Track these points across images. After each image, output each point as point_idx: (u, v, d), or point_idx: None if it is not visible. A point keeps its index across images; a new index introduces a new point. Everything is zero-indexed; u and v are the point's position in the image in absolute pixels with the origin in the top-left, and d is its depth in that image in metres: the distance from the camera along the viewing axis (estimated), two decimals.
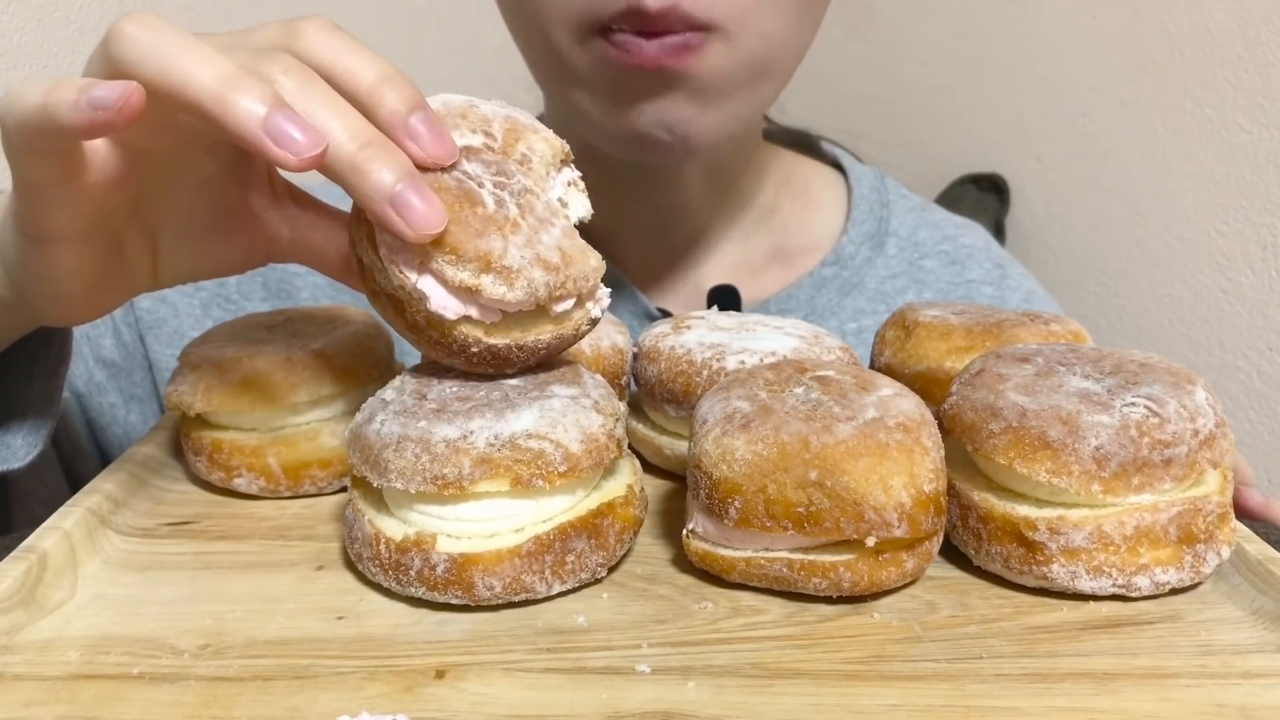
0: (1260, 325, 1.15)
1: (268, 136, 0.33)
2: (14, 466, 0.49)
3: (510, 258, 0.37)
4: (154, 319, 0.69)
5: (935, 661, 0.35)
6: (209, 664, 0.35)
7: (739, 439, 0.37)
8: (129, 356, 0.68)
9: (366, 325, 0.50)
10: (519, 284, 0.37)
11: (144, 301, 0.69)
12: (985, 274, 0.76)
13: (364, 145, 0.35)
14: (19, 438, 0.49)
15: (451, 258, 0.36)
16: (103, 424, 0.68)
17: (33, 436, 0.50)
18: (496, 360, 0.39)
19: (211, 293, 0.71)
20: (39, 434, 0.50)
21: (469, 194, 0.37)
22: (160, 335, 0.69)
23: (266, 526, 0.45)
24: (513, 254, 0.37)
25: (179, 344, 0.68)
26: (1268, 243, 1.13)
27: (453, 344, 0.39)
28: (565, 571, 0.38)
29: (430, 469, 0.36)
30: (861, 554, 0.37)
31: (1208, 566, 0.38)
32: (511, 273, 0.36)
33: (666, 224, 0.71)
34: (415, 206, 0.35)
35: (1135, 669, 0.34)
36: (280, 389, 0.45)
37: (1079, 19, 1.31)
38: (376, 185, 0.34)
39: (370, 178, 0.34)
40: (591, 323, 0.41)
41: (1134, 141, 1.27)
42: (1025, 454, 0.38)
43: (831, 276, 0.73)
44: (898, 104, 1.56)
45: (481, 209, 0.37)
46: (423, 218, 0.35)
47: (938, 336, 0.49)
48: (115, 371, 0.68)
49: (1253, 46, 1.12)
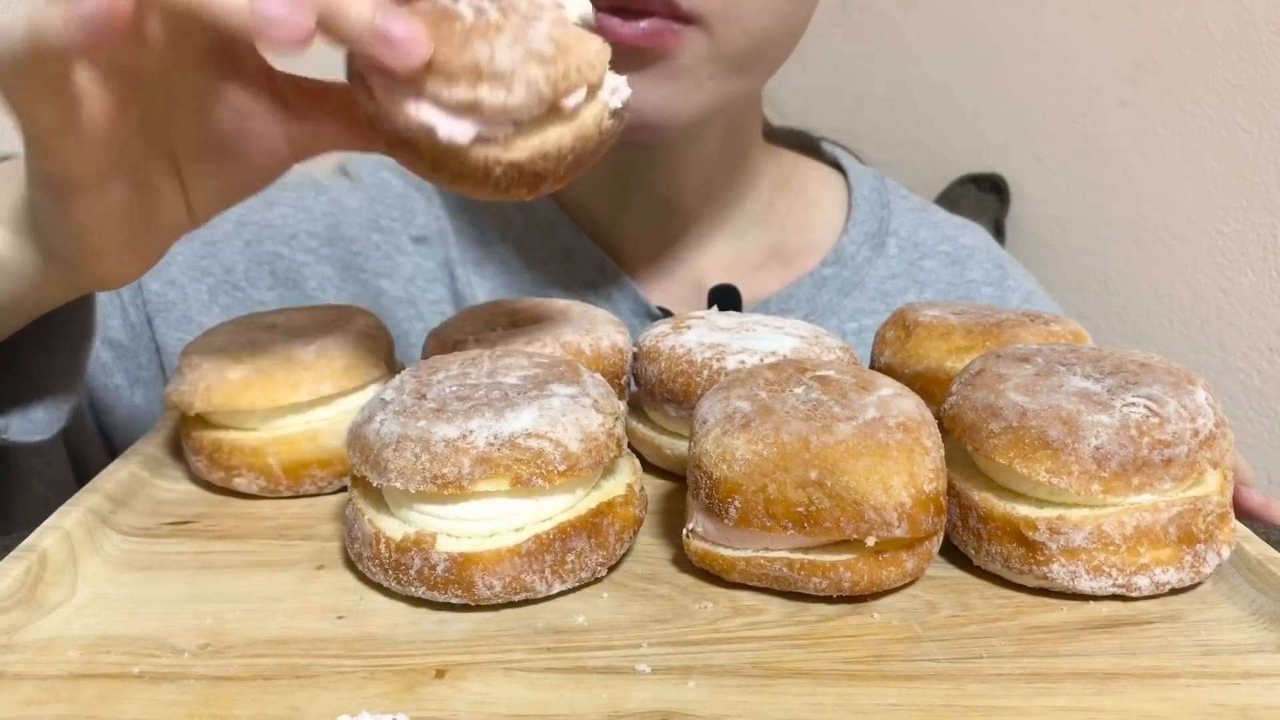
0: (1260, 325, 1.15)
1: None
2: (38, 438, 0.49)
3: (500, 61, 0.35)
4: (162, 302, 0.69)
5: (935, 661, 0.35)
6: (209, 663, 0.35)
7: (739, 439, 0.37)
8: (136, 338, 0.68)
9: (366, 325, 0.50)
10: (517, 85, 0.35)
11: (152, 284, 0.69)
12: (985, 274, 0.76)
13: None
14: (40, 411, 0.50)
15: (442, 80, 0.35)
16: (107, 405, 0.68)
17: (55, 411, 0.50)
18: (525, 178, 0.38)
19: (219, 279, 0.71)
20: (61, 409, 0.50)
21: (444, 12, 0.36)
22: (168, 319, 0.69)
23: (266, 526, 0.45)
24: (501, 56, 0.35)
25: (186, 328, 0.69)
26: (1268, 243, 1.13)
27: (475, 173, 0.38)
28: (565, 571, 0.38)
29: (430, 468, 0.36)
30: (861, 554, 0.37)
31: (1208, 566, 0.38)
32: (505, 75, 0.35)
33: (660, 218, 0.71)
34: (398, 35, 0.34)
35: (1135, 669, 0.34)
36: (280, 389, 0.45)
37: (1079, 19, 1.31)
38: (356, 22, 0.34)
39: (349, 15, 0.34)
40: (614, 115, 0.39)
41: (1134, 141, 1.27)
42: (1025, 454, 0.38)
43: (832, 276, 0.73)
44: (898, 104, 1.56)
45: (460, 23, 0.36)
46: (407, 45, 0.35)
47: (938, 336, 0.49)
48: (122, 353, 0.68)
49: (1253, 46, 1.12)
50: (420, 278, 0.73)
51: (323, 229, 0.73)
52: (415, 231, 0.74)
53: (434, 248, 0.73)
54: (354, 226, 0.73)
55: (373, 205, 0.74)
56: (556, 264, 0.72)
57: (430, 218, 0.74)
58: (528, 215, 0.73)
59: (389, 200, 0.74)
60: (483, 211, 0.74)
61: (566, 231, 0.72)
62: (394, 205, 0.74)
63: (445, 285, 0.73)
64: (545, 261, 0.72)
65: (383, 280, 0.73)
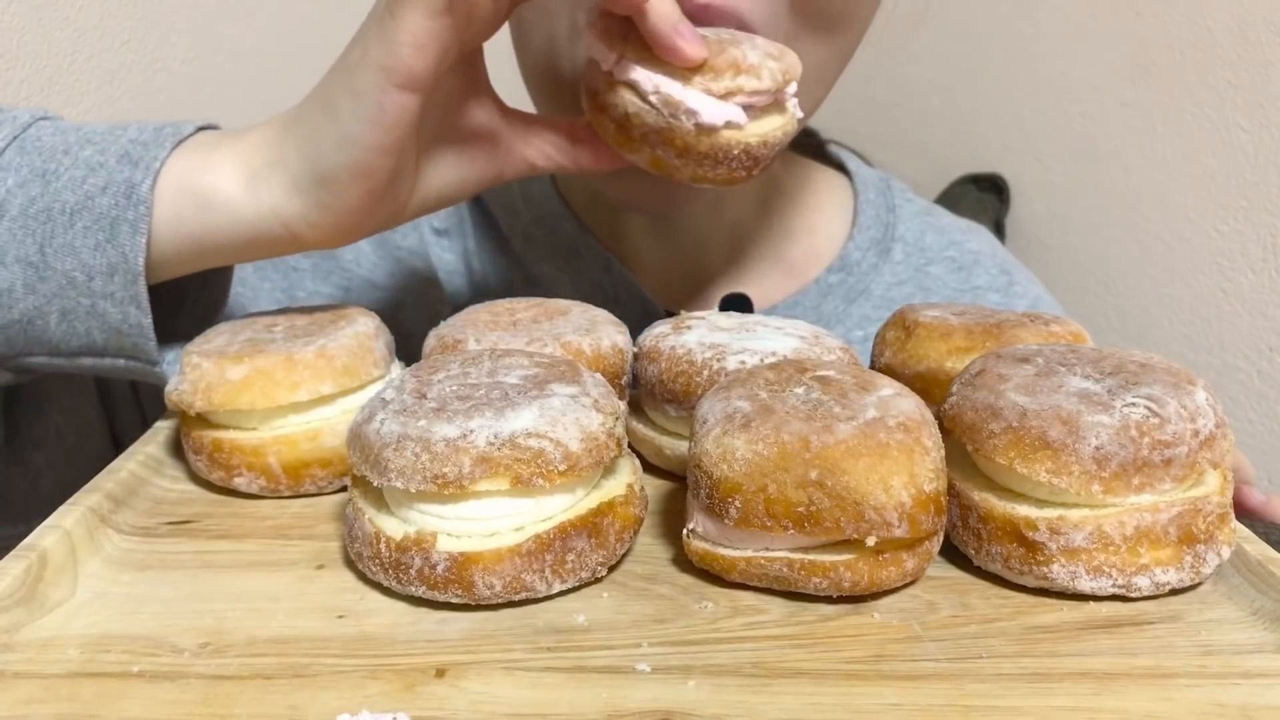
0: (1260, 325, 1.15)
1: None
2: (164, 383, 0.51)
3: (750, 58, 0.48)
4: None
5: (935, 661, 0.35)
6: (209, 662, 0.35)
7: (739, 439, 0.37)
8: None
9: (367, 325, 0.50)
10: (764, 73, 0.48)
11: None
12: (992, 280, 0.76)
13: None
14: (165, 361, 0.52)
15: (710, 74, 0.48)
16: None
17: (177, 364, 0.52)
18: (749, 160, 0.50)
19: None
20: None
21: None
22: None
23: (266, 526, 0.45)
24: (750, 55, 0.48)
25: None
26: (1268, 243, 1.13)
27: (718, 152, 0.49)
28: (565, 570, 0.38)
29: (430, 468, 0.36)
30: (861, 554, 0.37)
31: (1208, 567, 0.38)
32: (755, 67, 0.48)
33: (669, 228, 0.71)
34: (691, 34, 0.47)
35: (1135, 669, 0.34)
36: (280, 389, 0.45)
37: (1079, 19, 1.31)
38: (667, 14, 0.46)
39: (662, 9, 0.46)
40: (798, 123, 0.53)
41: (1134, 141, 1.27)
42: (1025, 454, 0.38)
43: (838, 283, 0.73)
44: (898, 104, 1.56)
45: (712, 38, 0.49)
46: (697, 44, 0.47)
47: (938, 337, 0.49)
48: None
49: (1253, 46, 1.12)
50: (443, 268, 0.74)
51: None
52: (438, 224, 0.75)
53: (454, 240, 0.74)
54: None
55: None
56: (564, 261, 0.72)
57: (450, 210, 0.75)
58: (532, 209, 0.73)
59: None
60: (492, 205, 0.74)
61: (570, 228, 0.72)
62: None
63: (464, 277, 0.74)
64: (552, 258, 0.72)
65: (417, 261, 0.74)
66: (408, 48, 0.43)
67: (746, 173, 0.50)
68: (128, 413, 0.66)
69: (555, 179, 0.74)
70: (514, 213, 0.74)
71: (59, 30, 0.84)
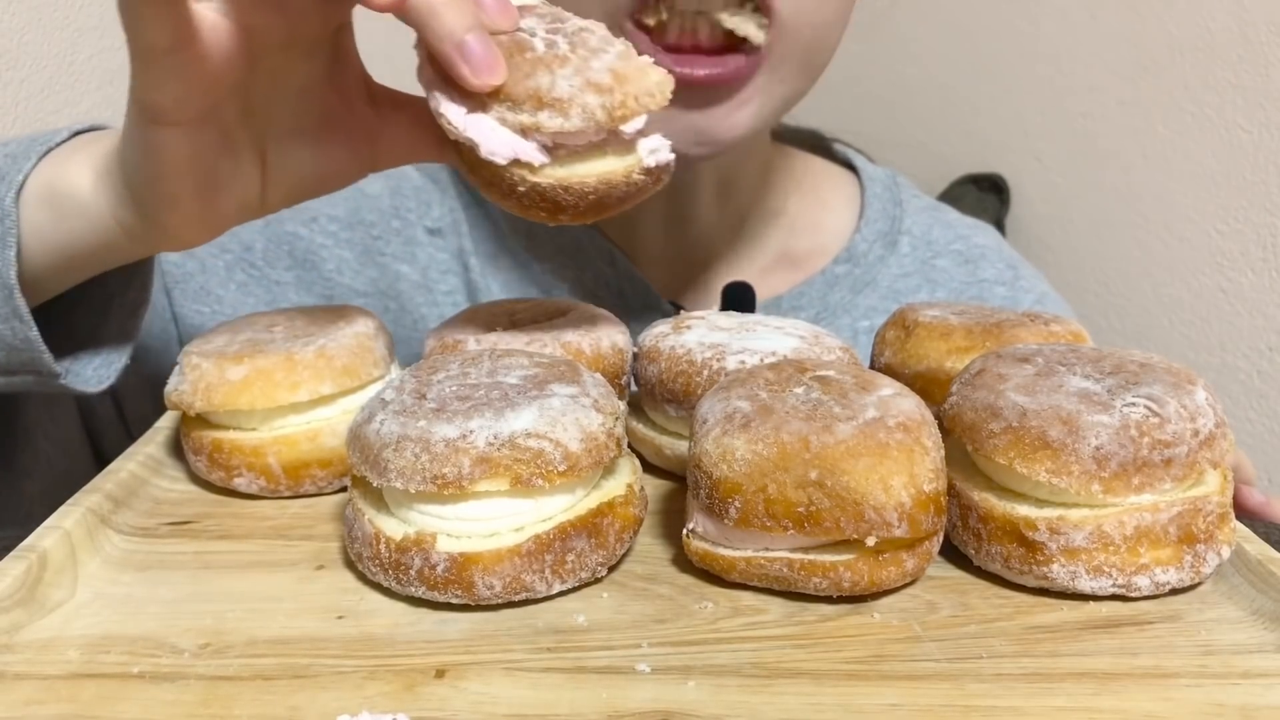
0: (1260, 325, 1.15)
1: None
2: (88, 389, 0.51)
3: (559, 89, 0.40)
4: (181, 273, 0.70)
5: (935, 661, 0.35)
6: (209, 663, 0.35)
7: (739, 439, 0.37)
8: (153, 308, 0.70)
9: (367, 325, 0.50)
10: (574, 111, 0.40)
11: (172, 256, 0.70)
12: (998, 274, 0.76)
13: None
14: (89, 369, 0.51)
15: (508, 103, 0.40)
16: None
17: (105, 369, 0.52)
18: (544, 203, 0.42)
19: (237, 255, 0.72)
20: (112, 367, 0.52)
21: (519, 43, 0.41)
22: (186, 290, 0.70)
23: (266, 526, 0.45)
24: (561, 85, 0.40)
25: (203, 300, 0.70)
26: (1268, 243, 1.13)
27: (502, 185, 0.42)
28: (565, 571, 0.38)
29: (430, 468, 0.36)
30: (861, 554, 0.37)
31: (1208, 566, 0.38)
32: (563, 102, 0.40)
33: (676, 222, 0.72)
34: (479, 54, 0.39)
35: (1135, 669, 0.34)
36: (280, 389, 0.45)
37: (1079, 19, 1.31)
38: (449, 29, 0.39)
39: (443, 22, 0.39)
40: (646, 172, 0.43)
41: (1134, 141, 1.27)
42: (1025, 454, 0.38)
43: (844, 274, 0.73)
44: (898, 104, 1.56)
45: (531, 53, 0.40)
46: (486, 65, 0.39)
47: (938, 336, 0.49)
48: None
49: (1253, 46, 1.12)
50: (434, 268, 0.74)
51: (344, 213, 0.73)
52: (430, 223, 0.75)
53: (448, 239, 0.74)
54: (375, 212, 0.74)
55: (393, 196, 0.75)
56: (567, 258, 0.72)
57: (445, 210, 0.75)
58: None
59: (406, 192, 0.75)
60: (492, 204, 0.75)
61: (575, 227, 0.72)
62: (411, 197, 0.75)
63: (459, 276, 0.74)
64: (555, 255, 0.73)
65: (401, 265, 0.74)
66: (147, 87, 0.39)
67: (547, 214, 0.43)
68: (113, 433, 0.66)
69: None
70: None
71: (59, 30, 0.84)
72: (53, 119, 0.83)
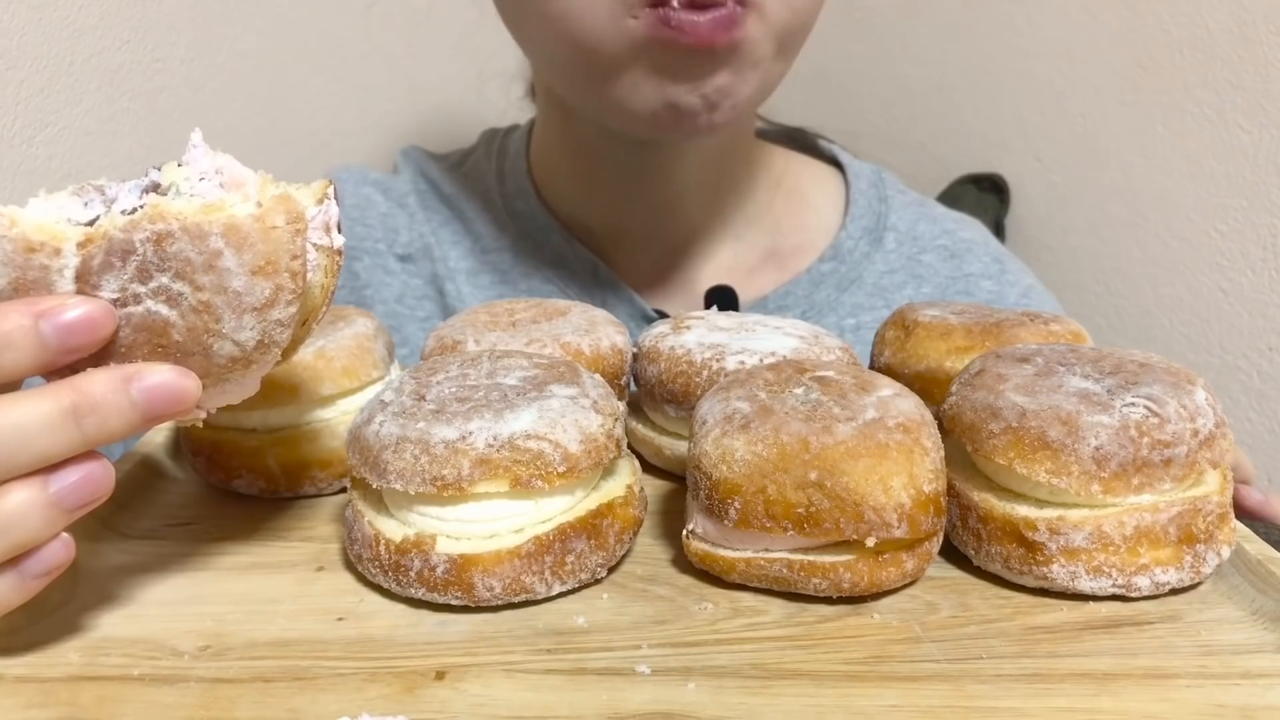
0: (1260, 325, 1.15)
1: None
2: None
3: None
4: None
5: (935, 662, 0.35)
6: (209, 665, 0.35)
7: (739, 439, 0.37)
8: None
9: (366, 326, 0.50)
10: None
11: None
12: (984, 268, 0.76)
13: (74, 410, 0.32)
14: None
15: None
16: None
17: None
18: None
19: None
20: None
21: (151, 327, 0.33)
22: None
23: (266, 527, 0.45)
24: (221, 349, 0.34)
25: None
26: (1268, 243, 1.13)
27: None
28: (565, 572, 0.38)
29: (429, 470, 0.36)
30: (861, 554, 0.37)
31: (1208, 566, 0.38)
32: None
33: (661, 223, 0.72)
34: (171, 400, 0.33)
35: (1135, 669, 0.34)
36: (281, 389, 0.45)
37: (1079, 19, 1.31)
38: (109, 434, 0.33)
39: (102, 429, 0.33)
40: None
41: (1134, 141, 1.26)
42: (1025, 454, 0.38)
43: (830, 272, 0.73)
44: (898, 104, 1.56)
45: (174, 333, 0.33)
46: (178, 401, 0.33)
47: (937, 336, 0.49)
48: None
49: (1253, 46, 1.12)
50: (409, 295, 0.74)
51: None
52: (400, 250, 0.75)
53: (420, 264, 0.74)
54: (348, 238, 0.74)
55: (354, 227, 0.75)
56: (551, 270, 0.73)
57: (414, 235, 0.75)
58: (519, 224, 0.74)
59: (371, 221, 0.76)
60: (475, 220, 0.75)
61: (557, 239, 0.73)
62: (377, 225, 0.75)
63: (434, 301, 0.74)
64: (540, 269, 0.73)
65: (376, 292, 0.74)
66: None
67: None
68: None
69: (539, 193, 0.74)
70: (500, 227, 0.74)
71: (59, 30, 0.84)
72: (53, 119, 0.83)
